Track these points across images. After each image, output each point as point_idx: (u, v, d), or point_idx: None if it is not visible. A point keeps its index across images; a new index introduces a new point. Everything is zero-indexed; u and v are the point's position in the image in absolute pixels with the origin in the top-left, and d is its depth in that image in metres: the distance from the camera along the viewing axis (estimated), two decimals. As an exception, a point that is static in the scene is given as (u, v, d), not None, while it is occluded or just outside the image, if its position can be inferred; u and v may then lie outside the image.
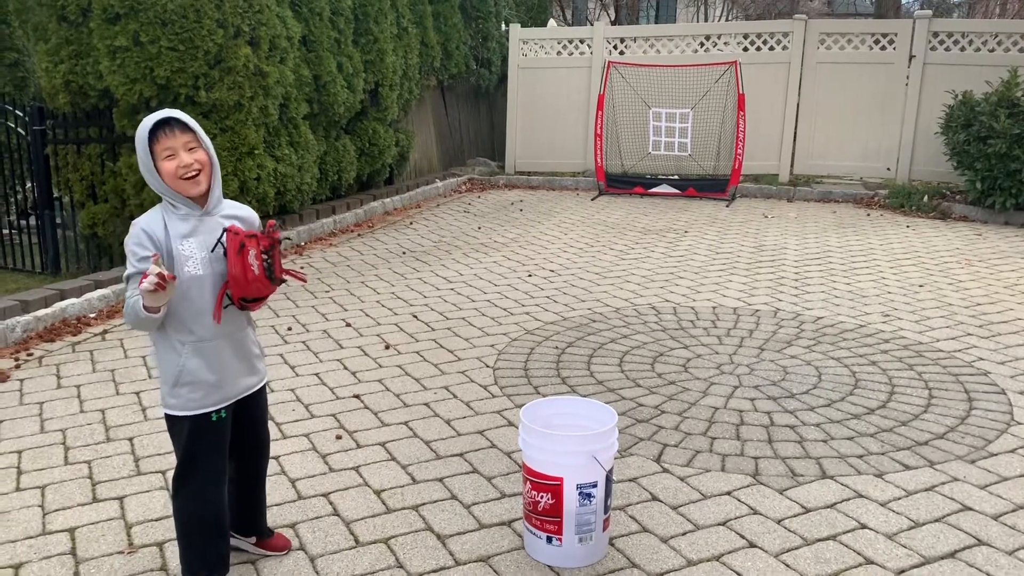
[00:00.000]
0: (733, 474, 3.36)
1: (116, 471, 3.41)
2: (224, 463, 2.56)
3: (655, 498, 3.18)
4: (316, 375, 4.47)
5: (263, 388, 2.69)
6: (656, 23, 22.50)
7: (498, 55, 12.69)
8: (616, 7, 19.38)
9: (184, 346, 2.43)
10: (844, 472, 3.37)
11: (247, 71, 6.84)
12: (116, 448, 3.61)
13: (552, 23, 13.70)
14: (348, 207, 8.75)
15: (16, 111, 7.13)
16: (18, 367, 4.60)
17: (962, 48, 9.76)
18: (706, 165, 10.37)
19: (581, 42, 11.23)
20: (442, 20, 11.07)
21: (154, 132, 2.34)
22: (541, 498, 2.71)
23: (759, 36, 10.54)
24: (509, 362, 4.65)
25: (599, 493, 2.71)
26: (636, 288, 6.14)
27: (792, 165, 10.61)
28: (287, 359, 4.69)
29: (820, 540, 2.90)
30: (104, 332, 5.21)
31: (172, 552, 2.81)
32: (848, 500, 3.16)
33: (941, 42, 9.82)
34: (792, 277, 6.46)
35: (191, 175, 2.36)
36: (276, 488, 3.23)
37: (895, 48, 10.02)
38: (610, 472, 2.74)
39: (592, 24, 12.47)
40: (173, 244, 2.37)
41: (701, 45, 10.82)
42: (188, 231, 2.39)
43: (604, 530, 2.79)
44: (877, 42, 10.16)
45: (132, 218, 6.88)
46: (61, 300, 5.41)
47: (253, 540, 2.81)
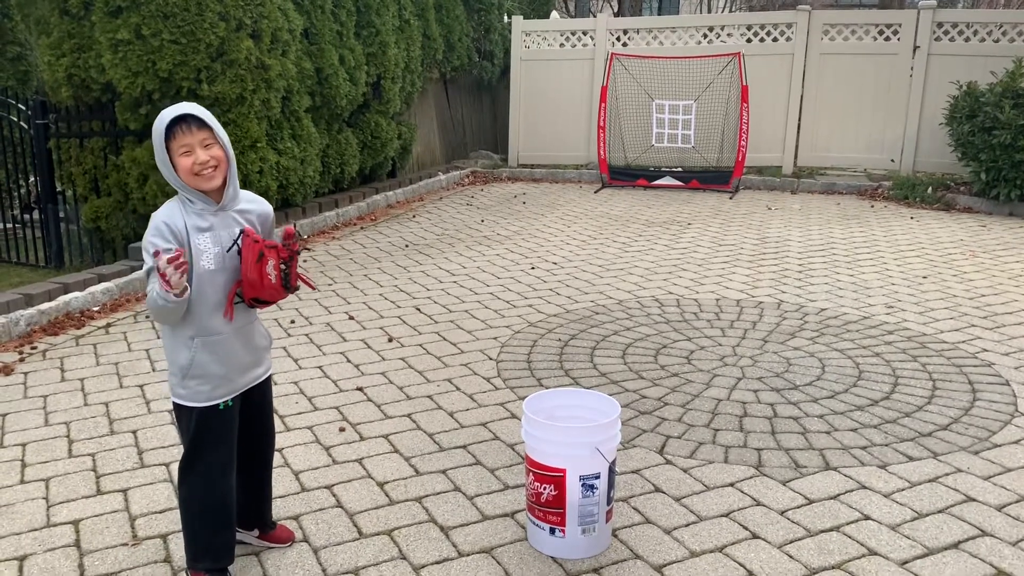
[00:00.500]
0: (736, 465, 3.36)
1: (120, 464, 3.42)
2: (230, 453, 2.57)
3: (658, 489, 3.18)
4: (319, 368, 4.47)
5: (269, 378, 2.71)
6: (659, 15, 22.43)
7: (501, 47, 12.65)
8: (619, -1, 19.32)
9: (195, 340, 2.45)
10: (847, 463, 3.37)
11: (249, 64, 6.83)
12: (120, 441, 3.62)
13: (555, 15, 13.66)
14: (351, 200, 8.75)
15: (19, 105, 7.13)
16: (22, 360, 4.61)
17: (967, 39, 9.71)
18: (709, 157, 10.34)
19: (584, 34, 11.19)
20: (444, 12, 11.03)
21: (171, 128, 2.34)
22: (544, 490, 2.72)
23: (762, 27, 10.50)
24: (512, 354, 4.66)
25: (602, 484, 2.71)
26: (639, 280, 6.14)
27: (796, 157, 10.57)
28: (290, 352, 4.69)
29: (823, 531, 2.90)
30: (108, 325, 5.22)
31: (176, 544, 2.82)
32: (851, 491, 3.16)
33: (946, 32, 9.77)
34: (796, 269, 6.45)
35: (207, 171, 2.37)
36: (280, 480, 3.23)
37: (899, 39, 9.97)
38: (613, 464, 2.74)
39: (595, 16, 12.43)
40: (191, 237, 2.39)
41: (704, 36, 10.78)
42: (204, 226, 2.42)
43: (607, 521, 2.79)
44: (881, 33, 10.11)
45: (135, 212, 6.99)
46: (65, 294, 5.42)
47: (256, 533, 2.82)
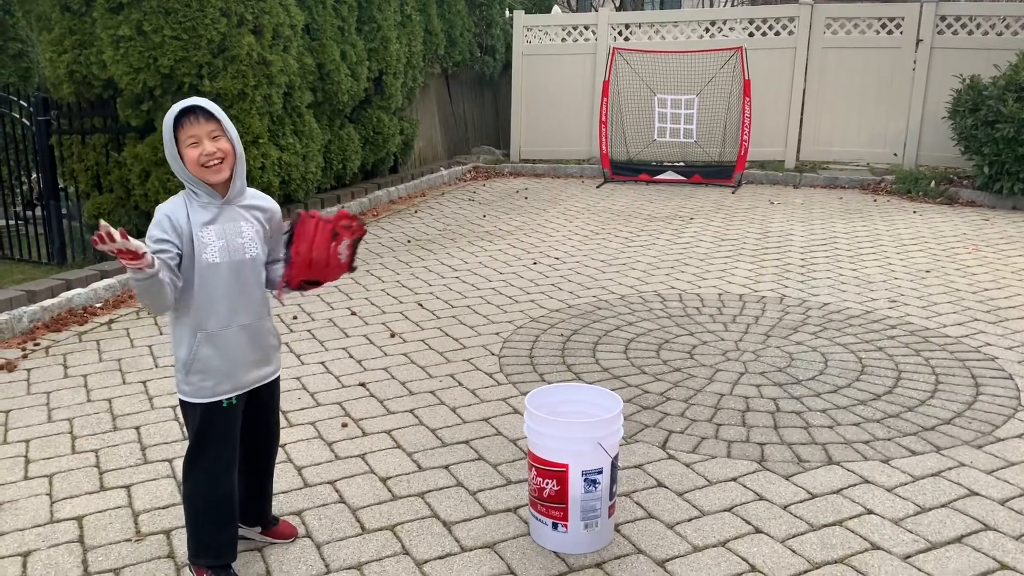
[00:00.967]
0: (739, 460, 3.36)
1: (123, 460, 3.42)
2: (234, 451, 2.57)
3: (661, 484, 3.18)
4: (322, 363, 4.48)
5: (277, 380, 2.69)
6: (661, 9, 22.37)
7: (502, 42, 12.63)
8: (621, -7, 19.26)
9: (198, 334, 2.45)
10: (850, 458, 3.36)
11: (251, 60, 6.83)
12: (123, 437, 3.63)
13: (556, 9, 13.63)
14: (353, 196, 8.75)
15: (21, 102, 7.13)
16: (25, 357, 4.62)
17: (970, 32, 9.68)
18: (712, 151, 10.33)
19: (586, 28, 11.17)
20: (446, 7, 11.02)
21: (180, 119, 2.36)
22: (547, 485, 2.72)
23: (765, 21, 10.47)
24: (514, 350, 4.65)
25: (604, 479, 2.71)
26: (641, 275, 6.13)
27: (798, 151, 10.55)
28: (293, 348, 4.69)
29: (826, 526, 2.90)
30: (110, 322, 5.22)
31: (179, 539, 2.83)
32: (854, 486, 3.15)
33: (949, 26, 9.74)
34: (798, 263, 6.44)
35: (213, 163, 2.38)
36: (282, 476, 3.24)
37: (902, 32, 9.94)
38: (615, 458, 2.74)
39: (596, 10, 12.40)
40: (194, 231, 2.39)
41: (706, 31, 10.76)
42: (209, 219, 2.42)
43: (610, 516, 2.79)
44: (884, 26, 10.08)
45: (137, 208, 6.99)
46: (67, 290, 5.42)
47: (259, 529, 2.83)
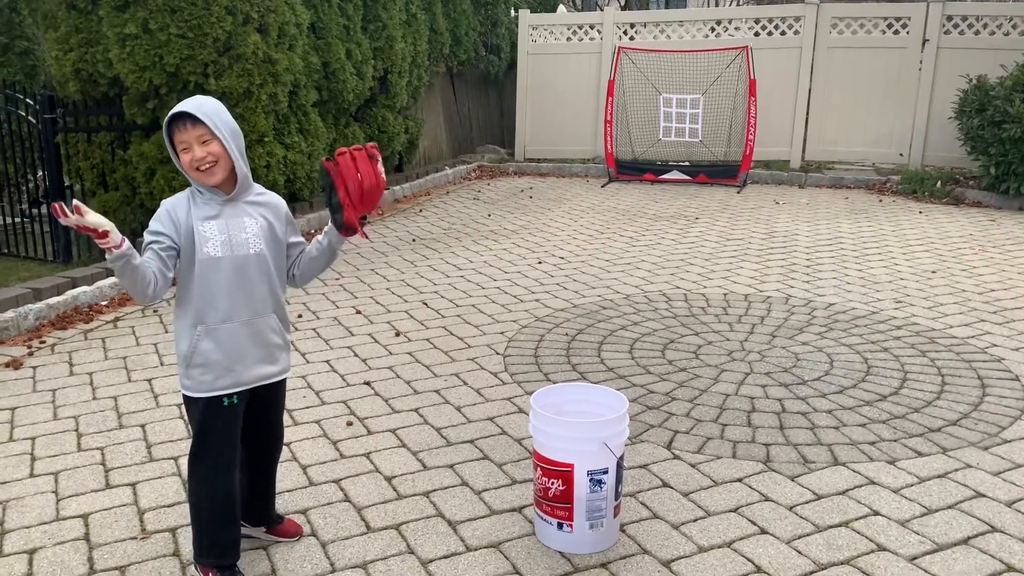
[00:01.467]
0: (744, 461, 3.35)
1: (129, 457, 3.43)
2: (235, 449, 2.56)
3: (666, 484, 3.18)
4: (327, 362, 4.48)
5: (283, 381, 2.68)
6: (666, 8, 22.34)
7: (507, 41, 12.62)
8: (626, -8, 19.22)
9: (198, 327, 2.46)
10: (856, 459, 3.36)
11: (256, 58, 6.83)
12: (128, 435, 3.63)
13: (561, 8, 13.61)
14: (358, 194, 8.73)
15: (27, 99, 7.14)
16: (31, 355, 4.63)
17: (976, 32, 9.65)
18: (717, 151, 10.31)
19: (591, 28, 11.16)
20: (451, 6, 11.01)
21: (171, 125, 2.42)
22: (552, 484, 2.71)
23: (770, 21, 10.46)
24: (519, 349, 4.65)
25: (610, 479, 2.70)
26: (646, 275, 6.12)
27: (804, 151, 10.53)
28: (297, 346, 4.70)
29: (832, 527, 2.89)
30: (116, 320, 5.23)
31: (185, 538, 2.83)
32: (860, 487, 3.15)
33: (955, 26, 9.71)
34: (804, 263, 6.42)
35: (205, 167, 2.41)
36: (287, 474, 3.24)
37: (908, 32, 9.92)
38: (621, 458, 2.74)
39: (602, 9, 12.39)
40: (194, 225, 2.43)
41: (712, 30, 10.74)
42: (212, 214, 2.47)
43: (615, 516, 2.79)
44: (890, 26, 10.06)
45: (142, 206, 7.00)
46: (73, 288, 5.43)
47: (264, 529, 2.83)
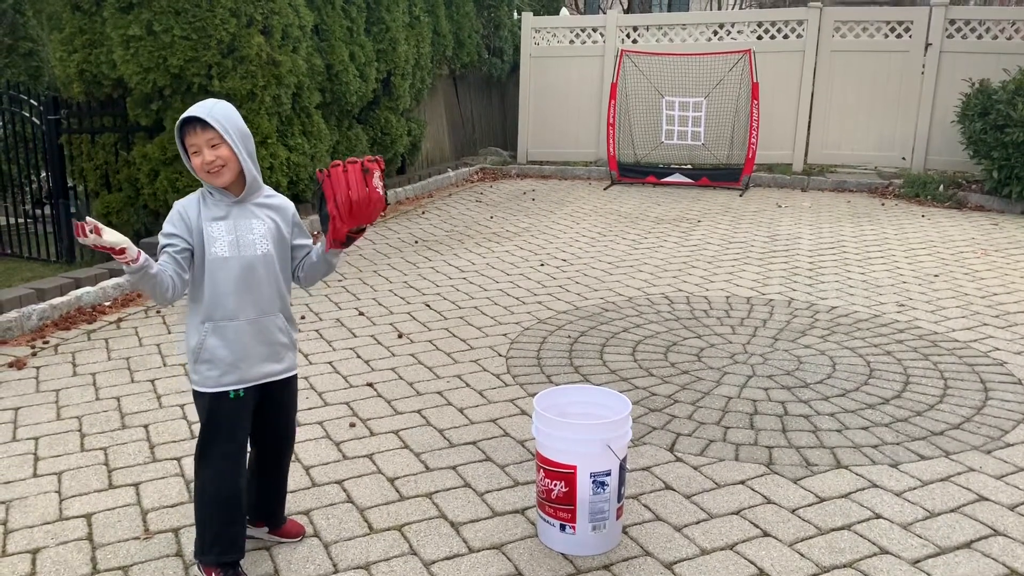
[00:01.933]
0: (747, 463, 3.35)
1: (132, 458, 3.43)
2: (240, 447, 2.58)
3: (668, 487, 3.18)
4: (330, 363, 4.48)
5: (291, 380, 2.70)
6: (669, 11, 22.36)
7: (510, 44, 12.64)
8: (629, -5, 19.24)
9: (205, 324, 2.52)
10: (859, 462, 3.35)
11: (260, 60, 6.84)
12: (131, 435, 3.64)
13: (564, 11, 13.64)
14: (360, 196, 8.74)
15: (31, 100, 7.16)
16: (34, 355, 4.63)
17: (979, 36, 9.65)
18: (719, 154, 10.32)
19: (594, 30, 11.17)
20: (454, 9, 11.03)
21: (183, 128, 2.48)
22: (554, 486, 2.72)
23: (773, 24, 10.46)
24: (522, 351, 4.65)
25: (612, 481, 2.71)
26: (649, 277, 6.12)
27: (806, 154, 10.54)
28: (300, 348, 4.70)
29: (834, 530, 2.89)
30: (119, 320, 5.24)
31: (187, 538, 2.83)
32: (863, 490, 3.15)
33: (958, 30, 9.72)
34: (806, 267, 6.42)
35: (214, 170, 2.47)
36: (290, 475, 3.23)
37: (911, 36, 9.92)
38: (624, 460, 2.74)
39: (605, 12, 12.39)
40: (204, 225, 2.49)
41: (715, 33, 10.75)
42: (221, 215, 2.53)
43: (618, 518, 2.79)
44: (893, 30, 10.06)
45: (146, 207, 7.02)
46: (76, 289, 5.44)
47: (266, 529, 2.83)
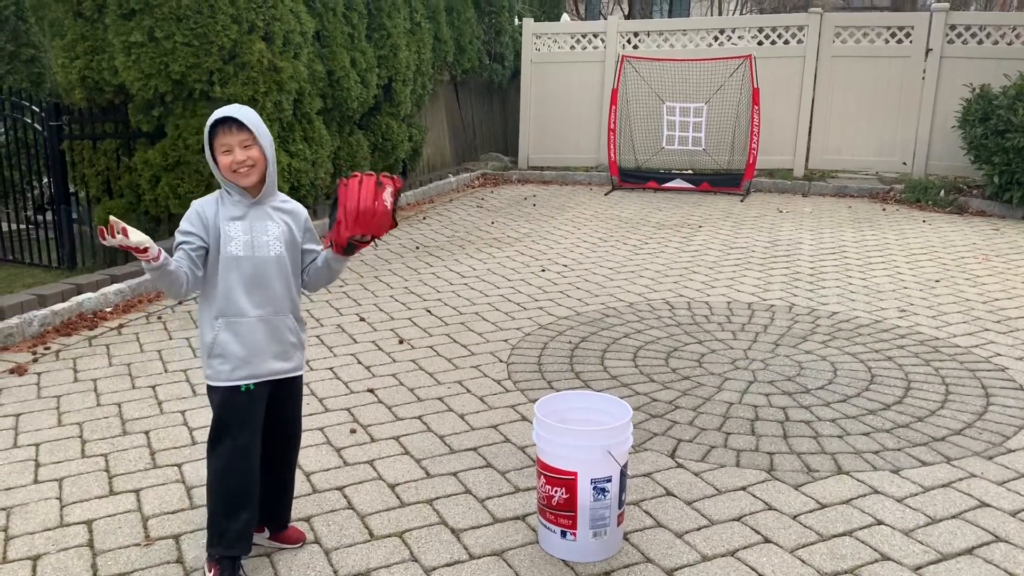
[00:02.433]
0: (748, 469, 3.35)
1: (132, 464, 3.43)
2: (252, 440, 2.63)
3: (669, 493, 3.18)
4: (330, 369, 4.48)
5: (298, 380, 2.76)
6: (670, 17, 22.40)
7: (511, 50, 12.66)
8: (629, 1, 19.30)
9: (218, 320, 2.59)
10: (860, 468, 3.35)
11: (261, 66, 6.86)
12: (132, 441, 3.64)
13: (565, 17, 13.66)
14: (361, 202, 8.74)
15: (33, 107, 7.17)
16: (35, 361, 4.64)
17: (979, 41, 9.66)
18: (720, 160, 10.32)
19: (595, 36, 11.19)
20: (455, 15, 11.05)
21: (215, 127, 2.53)
22: (555, 492, 2.71)
23: (774, 30, 10.48)
24: (522, 357, 4.65)
25: (613, 488, 2.70)
26: (650, 283, 6.13)
27: (807, 159, 10.54)
28: (301, 353, 4.70)
29: (836, 536, 2.89)
30: (120, 326, 5.24)
31: (188, 545, 2.83)
32: (864, 496, 3.14)
33: (959, 35, 9.73)
34: (807, 272, 6.42)
35: (243, 170, 2.55)
36: (291, 482, 3.24)
37: (911, 41, 9.93)
38: (624, 467, 2.73)
39: (605, 18, 12.41)
40: (221, 224, 2.57)
41: (715, 39, 10.77)
42: (238, 215, 2.60)
43: (618, 525, 2.78)
44: (893, 35, 10.08)
45: (147, 213, 7.03)
46: (77, 295, 5.45)
47: (267, 534, 2.83)
